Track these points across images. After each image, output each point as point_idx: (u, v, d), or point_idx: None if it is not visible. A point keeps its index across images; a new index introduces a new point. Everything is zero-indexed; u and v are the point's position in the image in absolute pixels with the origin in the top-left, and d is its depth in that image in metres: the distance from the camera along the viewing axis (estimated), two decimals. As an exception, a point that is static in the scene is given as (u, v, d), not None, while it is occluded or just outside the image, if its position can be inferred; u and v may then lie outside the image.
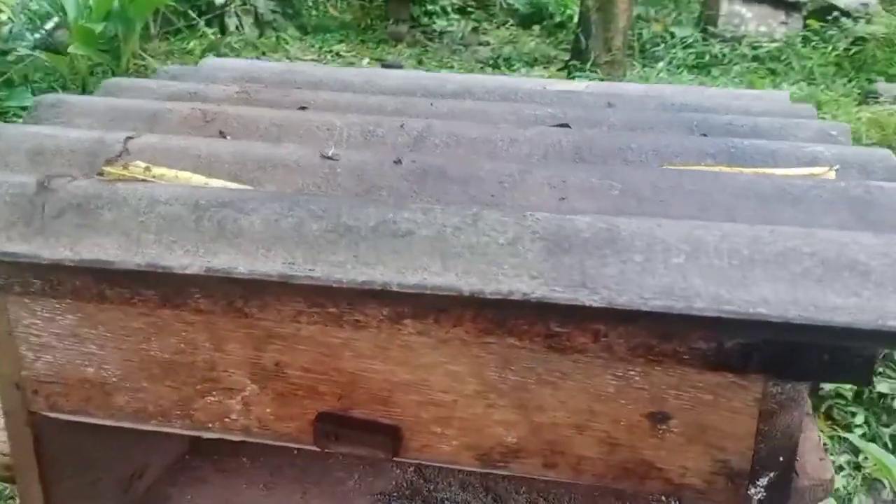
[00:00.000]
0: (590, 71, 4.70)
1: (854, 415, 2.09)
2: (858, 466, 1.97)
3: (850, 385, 2.04)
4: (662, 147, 0.93)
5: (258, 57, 4.61)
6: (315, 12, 6.02)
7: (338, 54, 5.30)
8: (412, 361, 0.79)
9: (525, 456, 0.80)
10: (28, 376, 0.89)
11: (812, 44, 5.13)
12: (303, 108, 1.07)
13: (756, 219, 0.74)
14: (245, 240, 0.73)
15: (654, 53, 5.19)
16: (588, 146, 0.94)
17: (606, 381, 0.75)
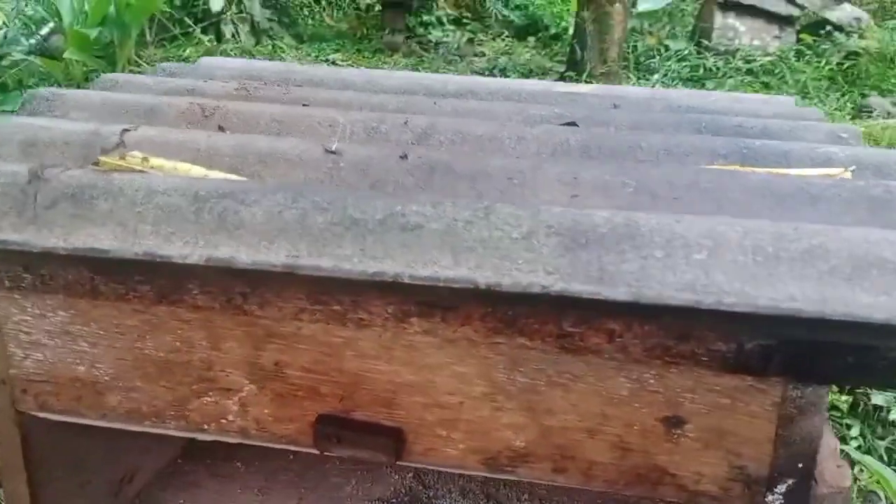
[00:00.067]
0: (585, 82, 4.70)
1: (849, 427, 2.07)
2: (854, 479, 1.95)
3: (845, 397, 2.03)
4: (673, 146, 0.91)
5: (255, 62, 4.59)
6: (311, 21, 6.01)
7: (334, 63, 5.29)
8: (417, 362, 0.76)
9: (534, 460, 0.77)
10: (17, 374, 0.85)
11: (805, 58, 5.14)
12: (304, 105, 1.05)
13: (774, 217, 0.72)
14: (247, 232, 0.70)
15: (648, 66, 5.20)
16: (597, 145, 0.92)
17: (620, 383, 0.72)
